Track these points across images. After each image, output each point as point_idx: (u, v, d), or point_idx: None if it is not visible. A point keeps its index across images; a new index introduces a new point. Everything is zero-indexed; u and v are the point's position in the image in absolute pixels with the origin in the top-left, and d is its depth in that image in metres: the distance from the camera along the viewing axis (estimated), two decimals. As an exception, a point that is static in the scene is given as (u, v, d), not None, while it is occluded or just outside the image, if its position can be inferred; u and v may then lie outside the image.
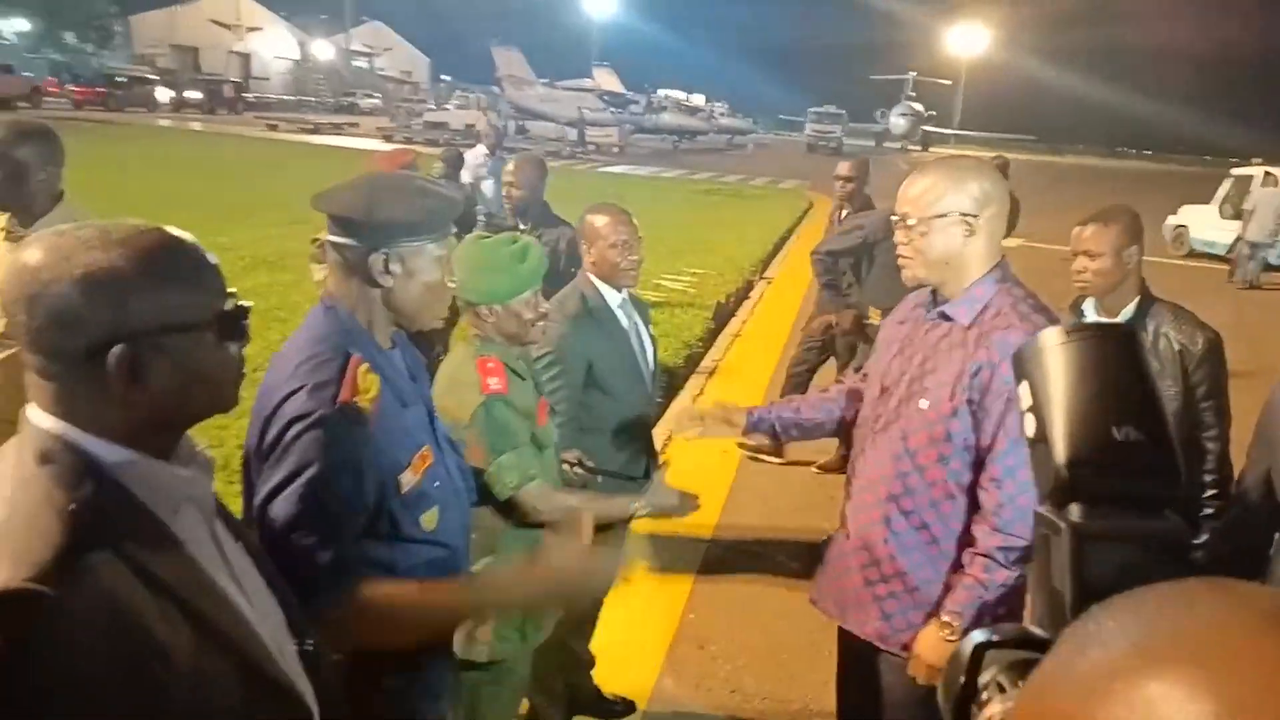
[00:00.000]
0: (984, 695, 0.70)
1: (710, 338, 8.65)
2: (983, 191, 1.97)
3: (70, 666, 0.88)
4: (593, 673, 3.20)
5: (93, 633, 0.90)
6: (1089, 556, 0.71)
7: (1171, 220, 17.48)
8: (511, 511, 2.18)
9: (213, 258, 1.10)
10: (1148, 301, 2.82)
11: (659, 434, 3.45)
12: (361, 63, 75.05)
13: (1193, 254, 16.56)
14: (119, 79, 44.90)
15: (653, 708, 3.23)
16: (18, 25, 59.33)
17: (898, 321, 2.23)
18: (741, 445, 5.55)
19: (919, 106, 74.46)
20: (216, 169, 20.14)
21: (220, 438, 4.58)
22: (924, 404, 2.00)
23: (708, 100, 65.00)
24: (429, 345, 4.27)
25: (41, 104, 37.78)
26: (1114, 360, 0.78)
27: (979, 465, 1.96)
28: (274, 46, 75.18)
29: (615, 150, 40.38)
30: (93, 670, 0.89)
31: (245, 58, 73.70)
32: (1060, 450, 0.75)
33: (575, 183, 21.38)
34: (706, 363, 7.83)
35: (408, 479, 1.59)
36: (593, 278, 2.89)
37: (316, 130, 38.22)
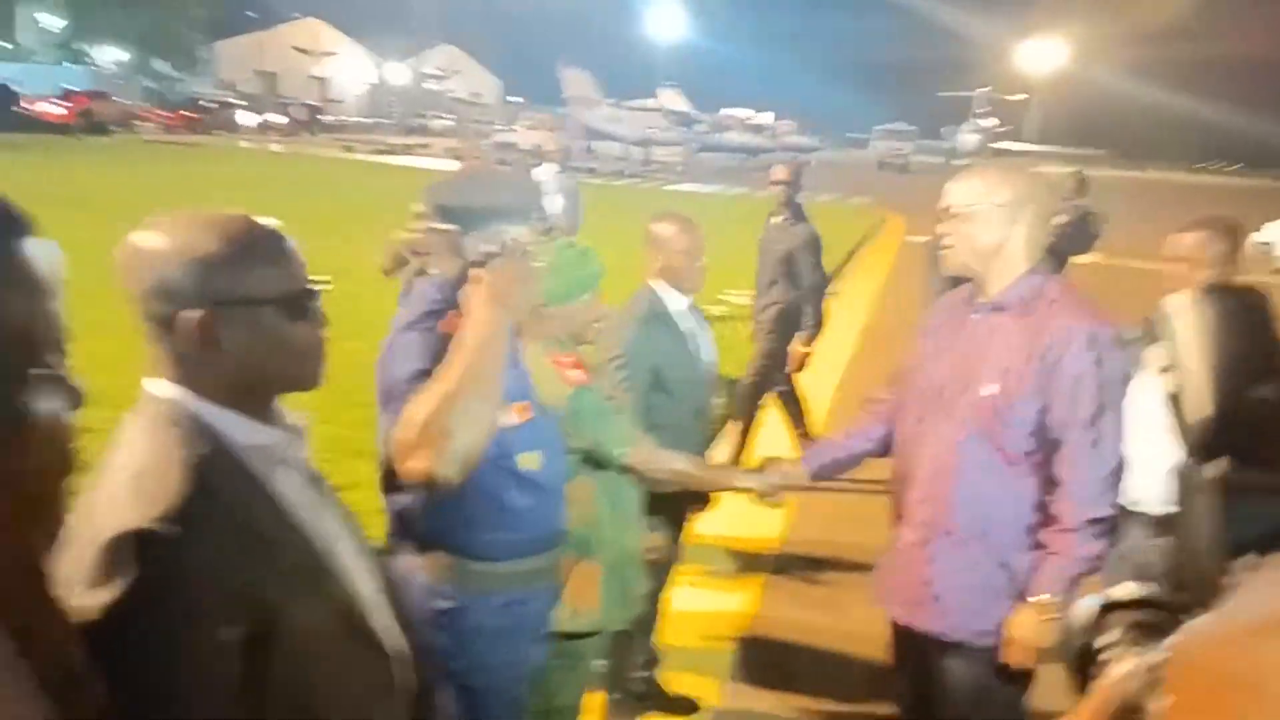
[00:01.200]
0: (1108, 654, 0.72)
1: (774, 352, 8.65)
2: (1026, 188, 2.08)
3: (187, 599, 0.99)
4: (659, 671, 3.26)
5: (207, 571, 1.01)
6: (1234, 508, 0.73)
7: (1256, 237, 16.94)
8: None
9: (290, 243, 1.21)
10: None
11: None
12: (433, 85, 76.85)
13: (1278, 271, 16.02)
14: (205, 104, 46.78)
15: (720, 707, 3.28)
16: (115, 55, 62.20)
17: (933, 330, 2.30)
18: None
19: (989, 123, 73.41)
20: (294, 188, 20.83)
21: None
22: (987, 390, 2.04)
23: (775, 118, 65.06)
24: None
25: (134, 128, 39.51)
26: (1242, 320, 0.81)
27: (1045, 445, 2.02)
28: (350, 70, 77.50)
29: (680, 169, 40.59)
30: (205, 605, 1.00)
31: (323, 81, 76.12)
32: (1199, 407, 0.78)
33: (640, 201, 21.56)
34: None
35: (509, 416, 1.78)
36: (658, 283, 2.99)
37: (390, 151, 39.20)
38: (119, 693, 0.92)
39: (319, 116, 53.47)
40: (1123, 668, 0.69)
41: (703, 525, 3.37)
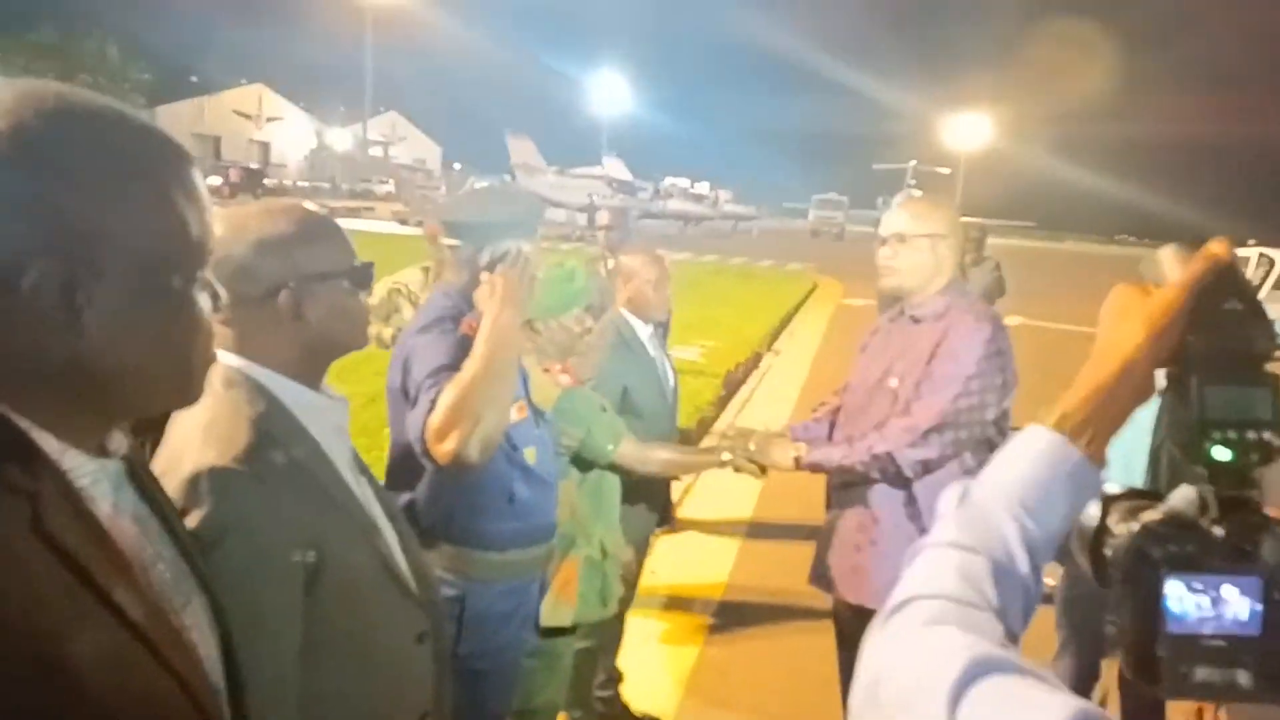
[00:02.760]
0: (1115, 530, 0.84)
1: (721, 403, 8.92)
2: (952, 220, 2.54)
3: (257, 529, 1.14)
4: (621, 689, 3.37)
5: (272, 506, 1.16)
6: (1207, 396, 0.84)
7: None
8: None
9: (339, 224, 1.40)
10: None
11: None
12: (377, 151, 77.19)
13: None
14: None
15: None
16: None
17: (866, 344, 2.72)
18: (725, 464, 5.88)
19: (918, 194, 76.26)
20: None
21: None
22: (893, 382, 2.46)
23: (713, 188, 66.62)
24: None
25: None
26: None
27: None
28: (293, 135, 77.51)
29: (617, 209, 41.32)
30: (273, 535, 1.15)
31: (265, 145, 75.96)
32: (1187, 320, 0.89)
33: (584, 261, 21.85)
34: (718, 426, 8.07)
35: (512, 415, 1.95)
36: (626, 312, 3.23)
37: (333, 214, 39.06)
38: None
39: (263, 181, 53.22)
40: (1123, 526, 0.81)
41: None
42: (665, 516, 3.38)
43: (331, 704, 1.22)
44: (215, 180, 49.04)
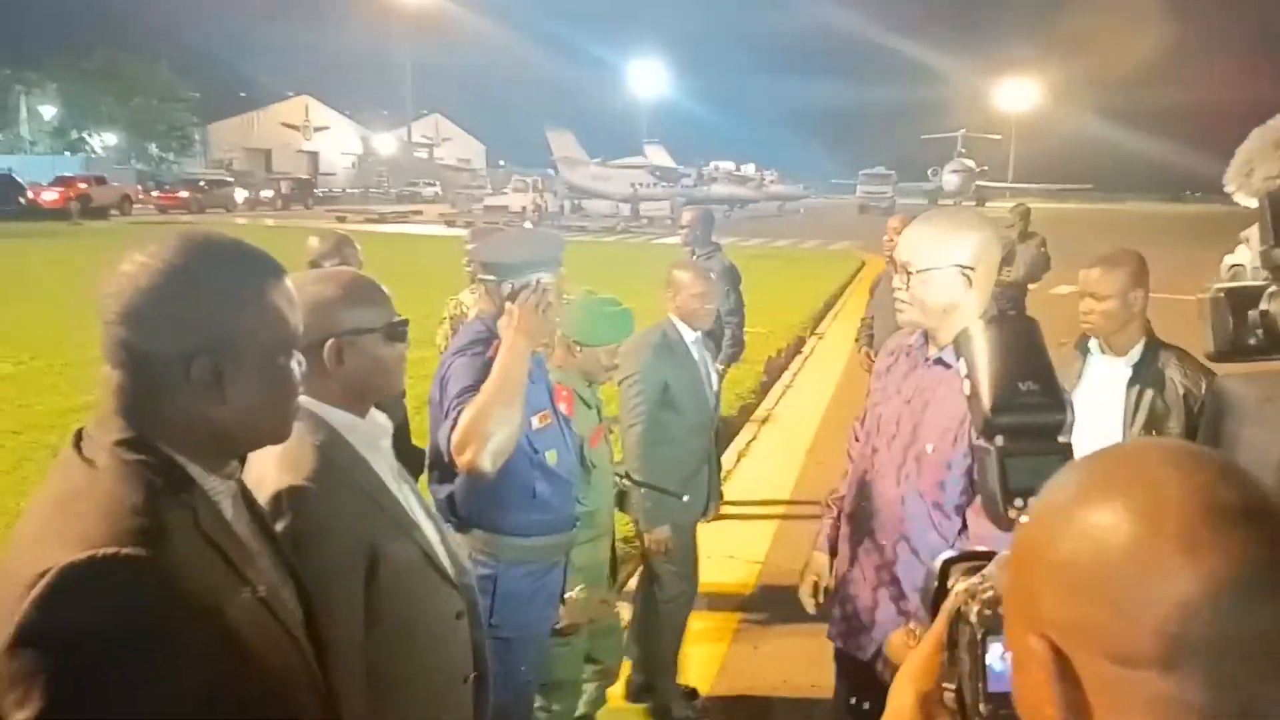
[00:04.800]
0: (950, 587, 0.92)
1: (763, 390, 9.13)
2: (981, 245, 2.10)
3: (327, 538, 1.45)
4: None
5: (337, 519, 1.47)
6: (1010, 468, 1.01)
7: (1229, 259, 17.46)
8: None
9: (385, 289, 1.68)
10: (1154, 344, 2.87)
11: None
12: (422, 153, 78.32)
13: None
14: (199, 183, 47.76)
15: (715, 692, 3.67)
16: (108, 139, 63.55)
17: (885, 368, 2.35)
18: None
19: (970, 163, 74.81)
20: (289, 260, 21.36)
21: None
22: (929, 447, 2.12)
23: (758, 169, 66.37)
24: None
25: (131, 210, 40.31)
26: (1016, 338, 1.08)
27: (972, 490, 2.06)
28: (340, 143, 79.05)
29: (668, 222, 41.46)
30: (340, 542, 1.46)
31: (313, 155, 77.60)
32: (986, 401, 1.04)
33: (631, 255, 22.18)
34: (759, 413, 8.30)
35: (535, 423, 2.29)
36: (675, 318, 3.62)
37: (381, 220, 39.90)
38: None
39: (311, 190, 54.45)
40: (957, 588, 0.87)
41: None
42: (708, 506, 3.74)
43: (391, 670, 1.53)
44: (268, 193, 50.37)
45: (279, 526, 1.39)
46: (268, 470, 1.46)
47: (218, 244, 1.17)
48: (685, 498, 3.10)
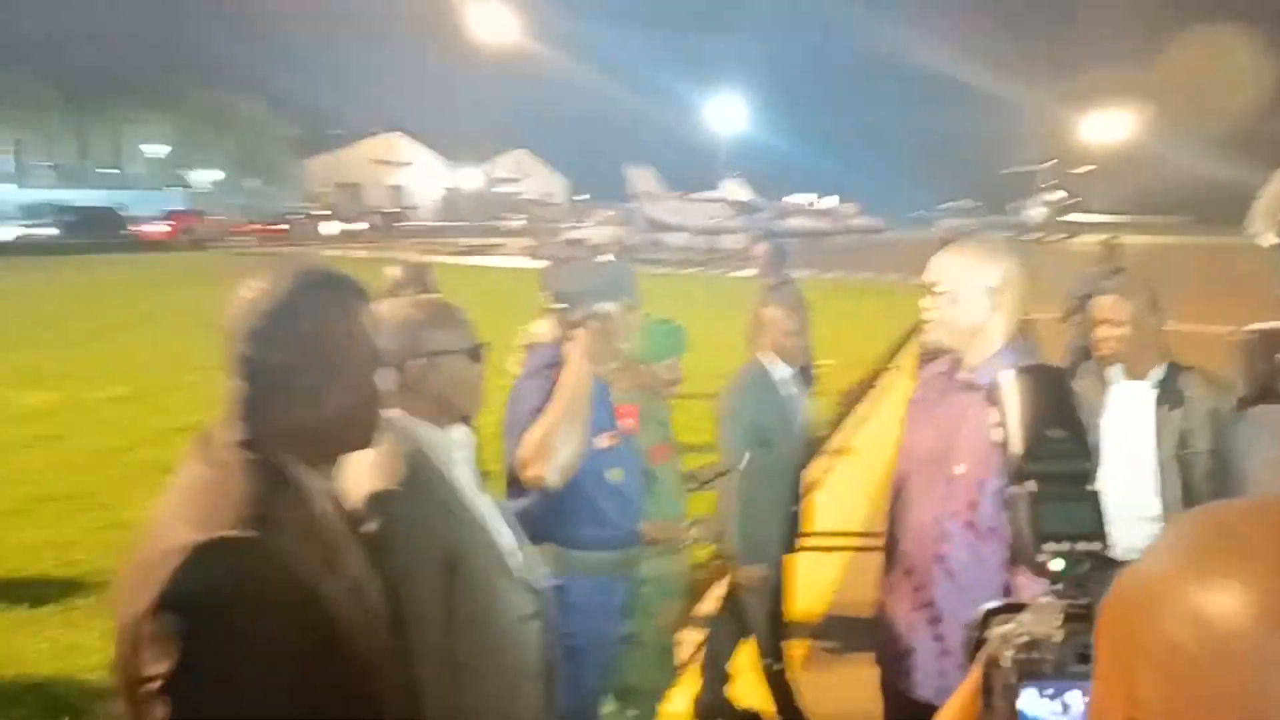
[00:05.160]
0: (989, 638, 0.97)
1: (837, 421, 9.13)
2: (1008, 271, 2.16)
3: (409, 542, 1.60)
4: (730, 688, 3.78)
5: (418, 523, 1.61)
6: (1041, 514, 1.02)
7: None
8: None
9: (465, 313, 1.84)
10: (1175, 366, 2.95)
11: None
12: (505, 188, 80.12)
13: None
14: (294, 215, 49.79)
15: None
16: (210, 175, 66.77)
17: (919, 396, 2.39)
18: None
19: (1057, 195, 73.12)
20: (377, 291, 22.06)
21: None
22: (959, 469, 2.13)
23: (840, 202, 65.95)
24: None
25: (228, 243, 42.21)
26: (1046, 386, 1.13)
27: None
28: (426, 178, 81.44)
29: (745, 256, 41.53)
30: (421, 546, 1.60)
31: (400, 189, 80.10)
32: (1017, 447, 1.08)
33: (708, 287, 22.31)
34: (833, 444, 8.30)
35: (600, 441, 2.43)
36: (766, 356, 3.69)
37: (465, 252, 40.88)
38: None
39: (397, 223, 56.18)
40: (992, 634, 0.91)
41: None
42: (793, 540, 3.75)
43: (468, 662, 1.66)
44: (358, 226, 52.17)
45: (369, 527, 1.54)
46: (361, 476, 1.62)
47: (319, 274, 1.35)
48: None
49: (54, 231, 36.20)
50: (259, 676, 1.09)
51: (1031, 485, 1.05)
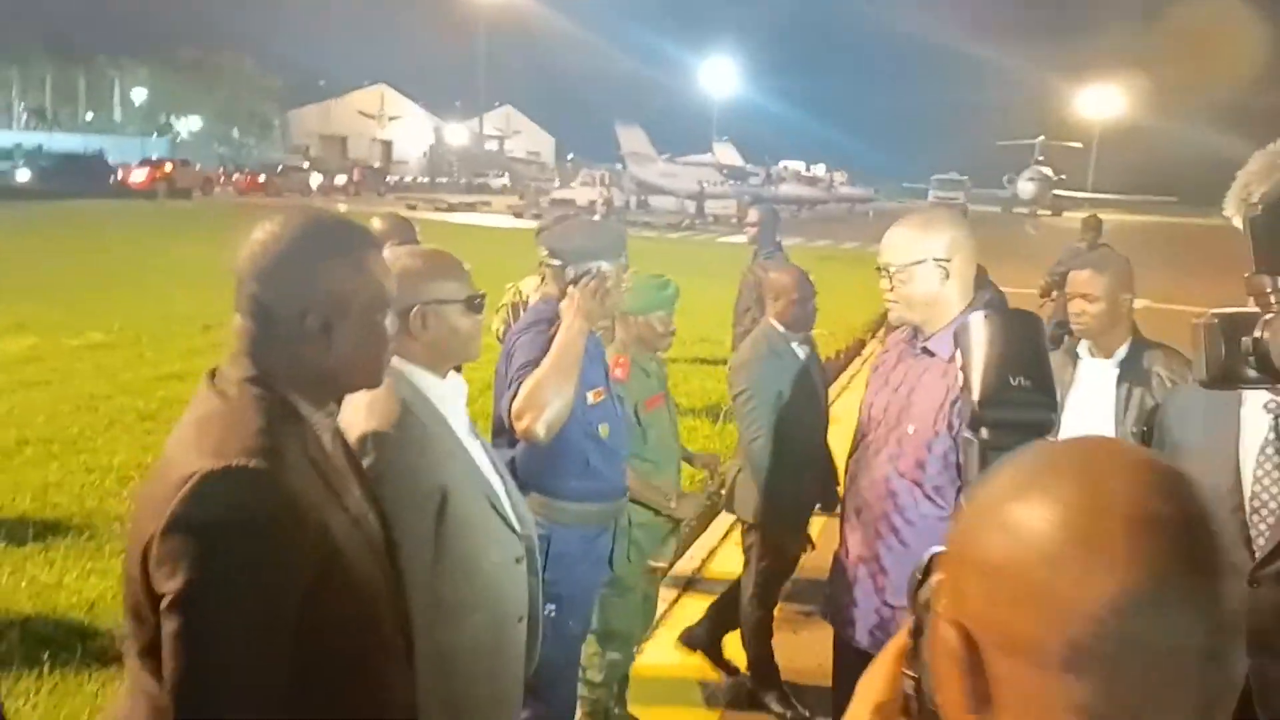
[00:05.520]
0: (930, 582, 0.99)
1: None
2: (953, 238, 2.23)
3: (403, 476, 1.64)
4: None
5: (411, 460, 1.66)
6: (991, 462, 0.98)
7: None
8: None
9: (466, 265, 1.87)
10: (1140, 343, 2.96)
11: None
12: (492, 145, 79.39)
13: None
14: (277, 168, 49.20)
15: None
16: (193, 124, 65.81)
17: (880, 361, 2.49)
18: None
19: (1047, 170, 73.17)
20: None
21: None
22: (910, 429, 2.23)
23: (828, 170, 65.84)
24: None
25: (212, 192, 41.70)
26: (1013, 332, 1.10)
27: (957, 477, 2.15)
28: (413, 132, 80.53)
29: (733, 221, 41.44)
30: (414, 482, 1.64)
31: (387, 144, 79.20)
32: (975, 393, 1.05)
33: (695, 252, 22.31)
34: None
35: (590, 398, 2.49)
36: (776, 324, 3.69)
37: (451, 209, 40.52)
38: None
39: (382, 177, 55.64)
40: (930, 581, 0.83)
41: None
42: (828, 499, 3.77)
43: (455, 598, 1.72)
44: (341, 179, 51.60)
45: (366, 463, 1.58)
46: (357, 416, 1.66)
47: (330, 220, 1.40)
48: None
49: (29, 175, 35.62)
50: (264, 596, 1.15)
51: (984, 433, 1.03)
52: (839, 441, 7.05)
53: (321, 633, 1.19)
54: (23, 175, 35.76)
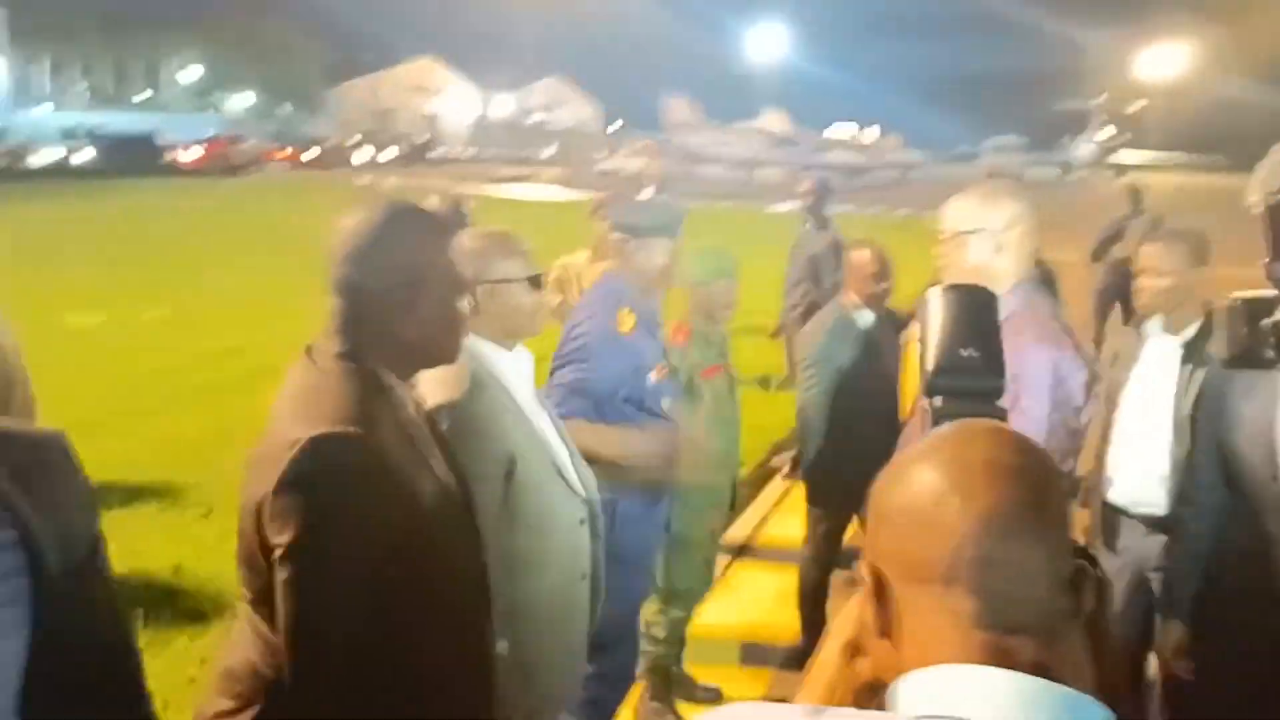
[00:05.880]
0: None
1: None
2: (1013, 212, 2.23)
3: (474, 440, 1.76)
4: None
5: (481, 425, 1.79)
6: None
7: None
8: None
9: (526, 244, 1.97)
10: (1210, 324, 2.76)
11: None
12: (538, 116, 79.36)
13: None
14: (327, 142, 49.80)
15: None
16: (244, 100, 66.80)
17: None
18: None
19: (1107, 132, 71.23)
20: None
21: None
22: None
23: (881, 135, 64.68)
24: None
25: (263, 168, 42.37)
26: (967, 306, 1.13)
27: None
28: (459, 105, 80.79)
29: (782, 189, 41.03)
30: (485, 445, 1.76)
31: (434, 117, 79.60)
32: (929, 363, 1.10)
33: (744, 221, 22.20)
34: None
35: (653, 376, 2.62)
36: (849, 300, 3.70)
37: (496, 181, 40.65)
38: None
39: (429, 151, 56.02)
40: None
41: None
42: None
43: (526, 556, 1.86)
44: (391, 153, 52.07)
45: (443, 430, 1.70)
46: (432, 388, 1.78)
47: (411, 208, 1.53)
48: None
49: (91, 155, 36.55)
50: (363, 547, 1.28)
51: (938, 400, 1.10)
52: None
53: (412, 585, 1.32)
54: (84, 155, 36.72)
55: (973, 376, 1.09)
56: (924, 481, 0.77)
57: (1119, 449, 2.54)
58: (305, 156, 46.66)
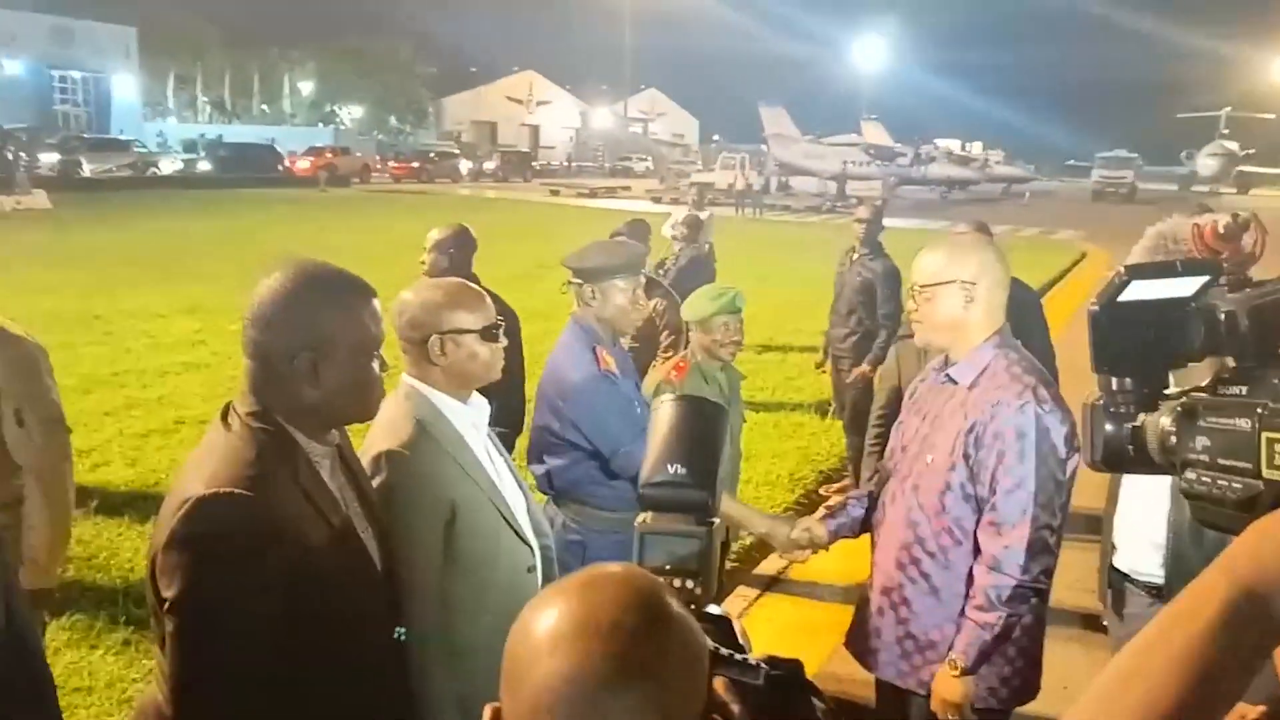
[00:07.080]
0: None
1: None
2: (981, 263, 2.19)
3: (415, 492, 1.80)
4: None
5: (425, 477, 1.82)
6: (645, 545, 1.07)
7: None
8: None
9: (485, 294, 2.03)
10: None
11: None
12: (637, 128, 80.00)
13: None
14: (430, 155, 51.24)
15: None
16: (354, 113, 69.41)
17: (915, 388, 2.44)
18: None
19: (1233, 145, 67.51)
20: (505, 232, 22.42)
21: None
22: (930, 459, 2.21)
23: (985, 148, 62.95)
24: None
25: (369, 179, 43.88)
26: (686, 421, 1.11)
27: (979, 513, 2.16)
28: (560, 117, 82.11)
29: (879, 203, 40.29)
30: (426, 497, 1.81)
31: (535, 129, 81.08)
32: (642, 475, 1.10)
33: (830, 237, 21.91)
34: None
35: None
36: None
37: (592, 194, 41.09)
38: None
39: (531, 164, 57.01)
40: None
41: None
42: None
43: (466, 604, 1.89)
44: (491, 164, 53.20)
45: (376, 481, 1.78)
46: (375, 436, 1.85)
47: (323, 271, 1.57)
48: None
49: (210, 165, 38.56)
50: (244, 603, 1.35)
51: (645, 517, 1.09)
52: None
53: (300, 633, 1.38)
54: (204, 165, 38.77)
55: (677, 489, 1.07)
56: (525, 632, 0.77)
57: (1122, 515, 2.44)
58: (410, 166, 48.08)
